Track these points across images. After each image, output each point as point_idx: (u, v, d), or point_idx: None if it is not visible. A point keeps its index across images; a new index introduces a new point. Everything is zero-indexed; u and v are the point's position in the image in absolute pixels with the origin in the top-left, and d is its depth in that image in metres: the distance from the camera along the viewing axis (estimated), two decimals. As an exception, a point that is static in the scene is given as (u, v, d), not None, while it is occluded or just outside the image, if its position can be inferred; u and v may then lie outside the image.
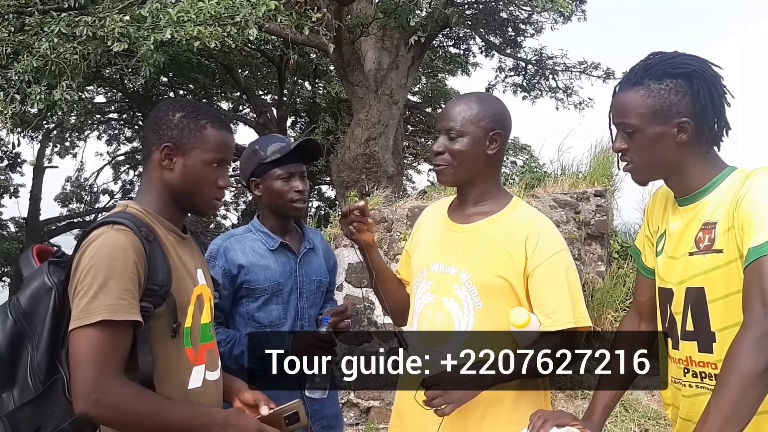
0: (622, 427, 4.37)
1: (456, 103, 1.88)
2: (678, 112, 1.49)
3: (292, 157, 2.27)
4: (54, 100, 6.08)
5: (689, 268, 1.53)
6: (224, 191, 1.67)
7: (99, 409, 1.37)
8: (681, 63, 1.52)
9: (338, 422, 2.39)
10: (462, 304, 1.81)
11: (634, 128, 1.52)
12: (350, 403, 4.84)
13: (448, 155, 1.85)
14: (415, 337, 1.87)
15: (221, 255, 2.22)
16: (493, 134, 1.83)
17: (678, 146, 1.52)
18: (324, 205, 15.71)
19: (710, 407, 1.35)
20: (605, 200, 5.82)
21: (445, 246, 1.89)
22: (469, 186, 1.89)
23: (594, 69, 12.55)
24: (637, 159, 1.56)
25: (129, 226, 1.47)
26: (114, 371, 1.39)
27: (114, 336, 1.39)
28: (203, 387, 1.58)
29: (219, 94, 14.80)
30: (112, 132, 16.71)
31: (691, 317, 1.53)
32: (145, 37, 5.73)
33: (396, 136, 9.72)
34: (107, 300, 1.38)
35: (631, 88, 1.53)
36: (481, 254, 1.82)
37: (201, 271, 1.67)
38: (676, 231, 1.59)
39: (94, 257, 1.42)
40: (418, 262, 1.96)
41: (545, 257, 1.78)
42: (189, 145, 1.58)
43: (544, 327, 1.76)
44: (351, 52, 8.75)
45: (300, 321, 2.26)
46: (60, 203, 16.78)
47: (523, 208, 1.92)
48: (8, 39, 6.16)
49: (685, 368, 1.57)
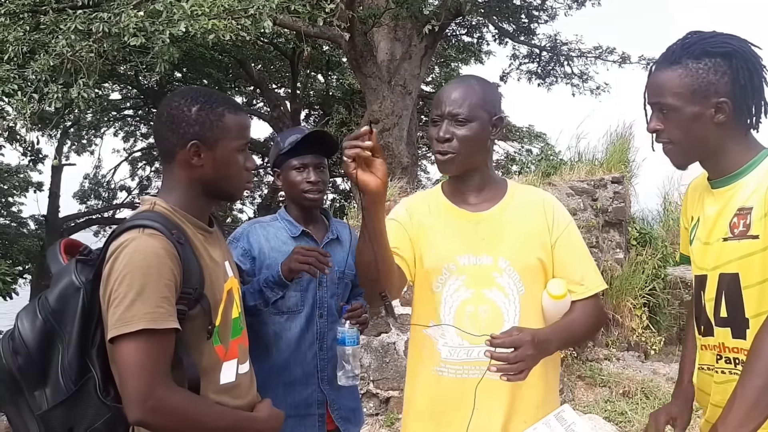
0: (643, 414, 4.35)
1: (457, 87, 1.80)
2: (716, 92, 1.47)
3: (308, 148, 2.29)
4: (71, 98, 6.14)
5: (724, 253, 1.51)
6: (252, 173, 1.67)
7: (156, 416, 1.38)
8: (721, 42, 1.49)
9: (356, 416, 2.39)
10: (506, 292, 1.78)
11: (671, 108, 1.50)
12: (369, 393, 4.86)
13: (456, 142, 1.76)
14: (452, 333, 1.79)
15: (244, 237, 2.28)
16: (495, 119, 1.80)
17: (715, 127, 1.49)
18: (339, 197, 15.73)
19: (736, 394, 1.34)
20: (623, 187, 5.78)
21: (468, 236, 1.82)
22: (473, 172, 1.84)
23: (609, 54, 12.44)
24: (674, 139, 1.53)
25: (160, 230, 1.45)
26: (165, 378, 1.40)
27: (158, 344, 1.39)
28: (237, 380, 1.60)
29: (233, 89, 14.85)
30: (128, 128, 16.85)
31: (725, 303, 1.51)
32: (161, 31, 5.76)
33: (410, 126, 9.70)
34: (145, 308, 1.37)
35: (668, 67, 1.50)
36: (512, 238, 1.80)
37: (228, 263, 1.67)
38: (710, 216, 1.57)
39: (129, 264, 1.40)
40: (439, 257, 1.82)
41: (563, 227, 1.83)
42: (214, 137, 1.56)
43: (578, 295, 1.78)
44: (364, 43, 8.73)
45: (319, 309, 2.27)
46: (78, 200, 16.99)
47: (523, 187, 1.96)
48: (24, 38, 6.21)
49: (717, 354, 1.55)
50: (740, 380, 1.36)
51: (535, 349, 1.59)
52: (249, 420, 1.58)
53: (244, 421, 1.56)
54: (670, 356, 5.91)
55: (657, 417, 1.72)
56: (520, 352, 1.57)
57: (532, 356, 1.59)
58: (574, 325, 1.77)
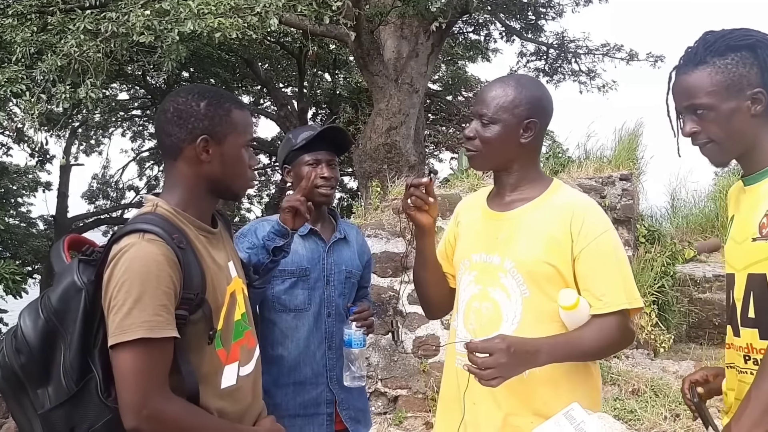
0: (652, 412, 4.33)
1: (492, 87, 1.81)
2: (749, 83, 1.47)
3: (321, 145, 2.30)
4: (79, 98, 6.15)
5: (752, 253, 1.49)
6: (255, 171, 1.67)
7: (151, 425, 1.38)
8: (742, 35, 1.49)
9: (365, 417, 2.39)
10: (509, 293, 1.76)
11: (707, 107, 1.49)
12: (378, 392, 4.85)
13: (478, 141, 1.80)
14: (462, 328, 1.84)
15: (252, 233, 2.27)
16: (528, 122, 1.77)
17: (753, 119, 1.49)
18: (346, 196, 15.74)
19: (751, 395, 1.33)
20: (631, 184, 5.75)
21: (486, 235, 1.84)
22: (506, 172, 1.84)
23: (617, 51, 12.40)
24: (714, 138, 1.52)
25: (161, 235, 1.44)
26: (161, 387, 1.40)
27: (155, 352, 1.38)
28: (237, 383, 1.58)
29: (240, 88, 14.87)
30: (136, 129, 16.90)
31: (753, 304, 1.49)
32: (169, 29, 5.77)
33: (417, 124, 9.69)
34: (143, 316, 1.37)
35: (694, 68, 1.50)
36: (524, 241, 1.77)
37: (232, 263, 1.66)
38: (742, 214, 1.56)
39: (127, 271, 1.40)
40: (459, 254, 1.92)
41: (591, 238, 1.73)
42: (223, 132, 1.55)
43: (595, 310, 1.71)
44: (370, 41, 8.72)
45: (327, 308, 2.28)
46: (87, 200, 17.06)
47: (565, 190, 1.86)
48: (32, 39, 6.22)
49: (745, 355, 1.53)
50: (755, 381, 1.35)
51: (510, 359, 1.57)
52: None
53: None
54: (679, 354, 5.88)
55: None
56: (491, 360, 1.56)
57: (505, 365, 1.56)
58: (581, 339, 1.70)
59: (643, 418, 4.29)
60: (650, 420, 4.26)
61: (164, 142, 1.59)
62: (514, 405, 1.73)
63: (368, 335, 2.26)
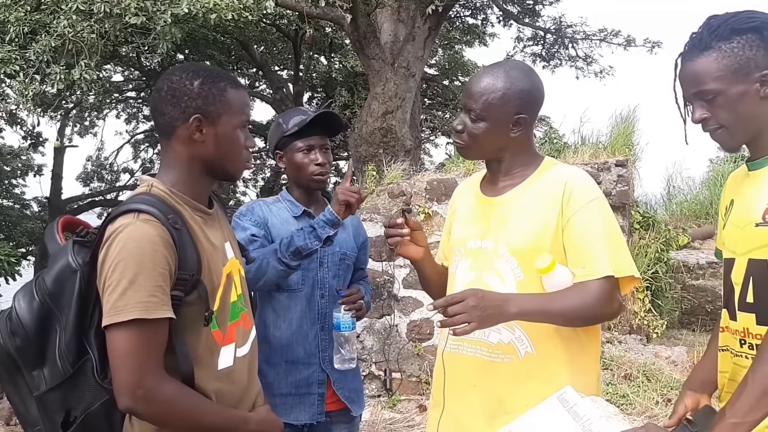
0: (645, 397, 4.37)
1: (481, 79, 1.77)
2: (757, 66, 1.45)
3: (313, 130, 2.28)
4: (73, 79, 6.09)
5: (755, 239, 1.49)
6: (251, 152, 1.64)
7: (144, 405, 1.38)
8: (747, 18, 1.47)
9: (359, 397, 2.41)
10: (503, 277, 1.75)
11: (716, 92, 1.47)
12: (372, 375, 4.88)
13: (466, 135, 1.79)
14: None
15: (249, 212, 2.30)
16: (518, 118, 1.75)
17: (762, 101, 1.47)
18: (341, 180, 15.71)
19: (747, 380, 1.34)
20: (626, 170, 5.75)
21: (479, 221, 1.84)
22: (496, 160, 1.84)
23: (614, 36, 12.36)
24: (724, 123, 1.51)
25: (156, 215, 1.42)
26: (156, 368, 1.39)
27: (150, 333, 1.38)
28: (234, 365, 1.58)
29: (235, 71, 14.76)
30: (131, 111, 16.78)
31: (752, 289, 1.50)
32: (162, 11, 5.71)
33: (413, 109, 9.65)
34: (138, 296, 1.36)
35: (700, 54, 1.49)
36: (516, 224, 1.76)
37: (229, 243, 1.65)
38: (745, 199, 1.55)
39: (122, 251, 1.38)
40: (454, 241, 1.92)
41: (577, 207, 1.70)
42: (217, 112, 1.53)
43: (578, 278, 1.67)
44: (367, 24, 8.66)
45: (320, 290, 2.29)
46: (82, 182, 16.96)
47: (555, 166, 1.83)
48: (25, 18, 6.14)
49: (741, 339, 1.53)
50: (752, 367, 1.36)
51: (479, 301, 1.55)
52: (241, 420, 1.56)
53: (235, 420, 1.54)
54: (671, 340, 5.93)
55: None
56: (461, 306, 1.55)
57: (474, 308, 1.54)
58: (554, 299, 1.67)
59: (635, 402, 4.32)
60: (642, 405, 4.30)
61: (158, 121, 1.57)
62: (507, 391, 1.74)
63: (358, 319, 2.27)
